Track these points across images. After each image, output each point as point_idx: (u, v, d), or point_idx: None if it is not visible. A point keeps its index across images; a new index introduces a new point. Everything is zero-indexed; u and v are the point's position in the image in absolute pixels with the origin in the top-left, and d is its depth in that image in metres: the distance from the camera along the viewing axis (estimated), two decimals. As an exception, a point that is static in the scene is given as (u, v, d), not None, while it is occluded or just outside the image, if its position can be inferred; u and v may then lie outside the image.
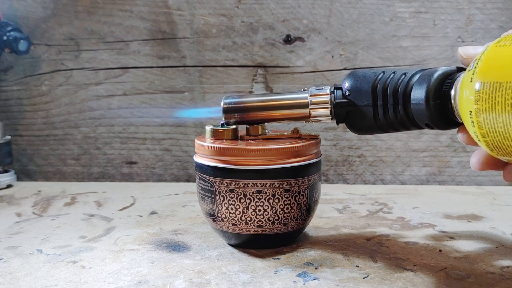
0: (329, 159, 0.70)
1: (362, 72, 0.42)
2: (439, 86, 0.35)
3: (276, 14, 0.68)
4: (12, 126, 0.75)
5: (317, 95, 0.43)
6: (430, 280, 0.38)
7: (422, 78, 0.37)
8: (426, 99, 0.36)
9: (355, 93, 0.41)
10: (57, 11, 0.72)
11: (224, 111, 0.45)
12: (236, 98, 0.46)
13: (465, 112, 0.31)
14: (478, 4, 0.66)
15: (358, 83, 0.41)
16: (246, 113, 0.45)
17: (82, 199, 0.63)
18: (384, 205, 0.59)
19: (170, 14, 0.70)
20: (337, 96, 0.42)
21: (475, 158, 0.34)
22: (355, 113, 0.42)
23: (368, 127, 0.42)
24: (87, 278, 0.39)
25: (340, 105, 0.42)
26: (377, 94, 0.40)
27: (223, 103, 0.45)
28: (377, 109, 0.40)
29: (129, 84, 0.72)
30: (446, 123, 0.36)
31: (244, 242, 0.45)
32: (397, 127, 0.41)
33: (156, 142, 0.73)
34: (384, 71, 0.40)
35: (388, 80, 0.40)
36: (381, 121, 0.40)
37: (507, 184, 0.68)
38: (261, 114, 0.45)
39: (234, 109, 0.45)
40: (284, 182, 0.42)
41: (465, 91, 0.30)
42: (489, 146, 0.30)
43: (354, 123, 0.42)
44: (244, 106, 0.45)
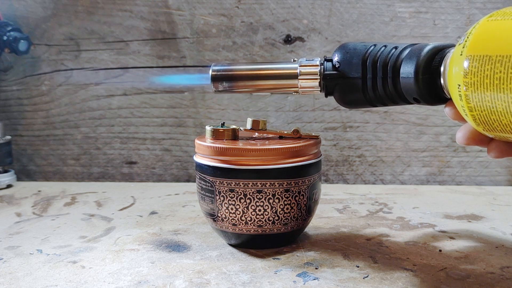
0: (329, 159, 0.71)
1: (352, 45, 0.41)
2: (429, 61, 0.35)
3: (276, 14, 0.68)
4: (12, 126, 0.75)
5: (307, 66, 0.42)
6: (430, 280, 0.38)
7: (412, 52, 0.36)
8: (415, 73, 0.35)
9: (345, 65, 0.41)
10: (57, 11, 0.72)
11: (212, 79, 0.44)
12: (225, 65, 0.45)
13: (454, 86, 0.30)
14: (478, 4, 0.66)
15: (348, 56, 0.41)
16: (234, 82, 0.44)
17: (82, 199, 0.63)
18: (384, 205, 0.59)
19: (170, 14, 0.70)
20: (326, 68, 0.42)
21: (460, 133, 0.34)
22: (344, 85, 0.41)
23: (356, 101, 0.41)
24: (87, 278, 0.39)
25: (330, 77, 0.41)
26: (367, 67, 0.39)
27: (212, 70, 0.44)
28: (366, 82, 0.40)
29: (129, 84, 0.72)
30: (434, 98, 0.36)
31: (244, 242, 0.45)
32: (385, 101, 0.40)
33: (156, 142, 0.73)
34: (375, 44, 0.40)
35: (378, 53, 0.39)
36: (370, 94, 0.40)
37: (507, 184, 0.68)
38: (250, 84, 0.44)
39: (223, 76, 0.44)
40: (284, 182, 0.42)
41: (455, 64, 0.30)
42: (476, 120, 0.30)
43: (343, 96, 0.42)
44: (233, 74, 0.44)
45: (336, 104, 0.69)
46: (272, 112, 0.70)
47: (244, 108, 0.71)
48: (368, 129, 0.70)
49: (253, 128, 0.46)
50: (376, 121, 0.69)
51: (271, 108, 0.70)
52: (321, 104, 0.69)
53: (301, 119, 0.70)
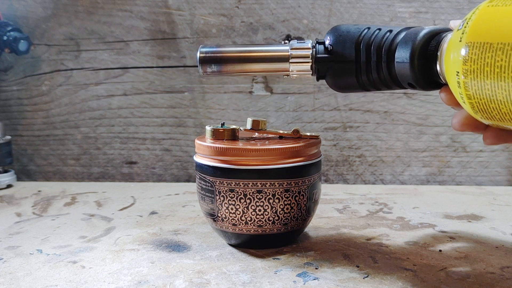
0: (329, 159, 0.71)
1: (345, 27, 0.40)
2: (425, 45, 0.34)
3: (276, 14, 0.68)
4: (12, 126, 0.75)
5: (298, 49, 0.41)
6: (430, 280, 0.38)
7: (407, 36, 0.36)
8: (411, 58, 0.35)
9: (338, 48, 0.40)
10: (57, 11, 0.72)
11: (200, 61, 0.43)
12: (213, 47, 0.43)
13: (452, 72, 0.30)
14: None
15: (341, 39, 0.39)
16: (223, 64, 0.43)
17: (82, 199, 0.63)
18: (384, 205, 0.59)
19: (170, 14, 0.70)
20: (318, 51, 0.41)
21: (456, 119, 0.33)
22: (337, 69, 0.40)
23: (349, 85, 0.40)
24: (87, 278, 0.39)
25: (322, 60, 0.40)
26: (360, 50, 0.39)
27: (199, 52, 0.43)
28: (359, 66, 0.39)
29: (129, 84, 0.72)
30: (429, 84, 0.35)
31: (244, 242, 0.45)
32: (378, 86, 0.39)
33: (156, 142, 0.73)
34: (369, 27, 0.39)
35: (372, 36, 0.38)
36: (363, 79, 0.39)
37: (507, 184, 0.68)
38: (240, 68, 0.43)
39: (211, 59, 0.42)
40: (284, 182, 0.42)
41: (453, 50, 0.29)
42: (474, 108, 0.29)
43: (335, 80, 0.41)
44: (222, 56, 0.43)
45: (336, 104, 0.69)
46: (272, 112, 0.70)
47: (244, 108, 0.71)
48: (368, 129, 0.70)
49: (253, 128, 0.46)
50: (376, 121, 0.69)
51: (271, 108, 0.70)
52: (321, 104, 0.69)
53: (301, 119, 0.70)
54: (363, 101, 0.69)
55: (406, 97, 0.68)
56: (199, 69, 0.43)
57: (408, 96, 0.68)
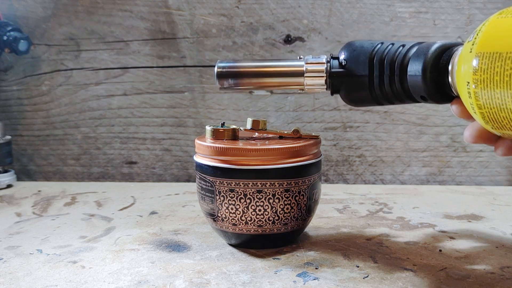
0: (329, 159, 0.71)
1: (359, 43, 0.41)
2: (437, 59, 0.35)
3: (276, 14, 0.68)
4: (12, 126, 0.75)
5: (313, 64, 0.42)
6: (430, 280, 0.38)
7: (420, 50, 0.36)
8: (423, 71, 0.35)
9: (351, 63, 0.40)
10: (57, 11, 0.72)
11: (217, 76, 0.44)
12: (231, 62, 0.45)
13: (463, 83, 0.30)
14: (478, 4, 0.66)
15: (355, 53, 0.40)
16: (240, 79, 0.44)
17: (82, 199, 0.63)
18: (384, 205, 0.59)
19: (170, 14, 0.70)
20: (333, 66, 0.42)
21: (468, 131, 0.34)
22: (351, 83, 0.41)
23: (363, 99, 0.41)
24: (87, 278, 0.39)
25: (336, 74, 0.41)
26: (374, 64, 0.39)
27: (217, 67, 0.44)
28: (373, 80, 0.40)
29: (129, 84, 0.72)
30: (441, 97, 0.36)
31: (244, 242, 0.45)
32: (391, 99, 0.40)
33: (156, 142, 0.73)
34: (382, 42, 0.40)
35: (385, 51, 0.39)
36: (377, 92, 0.40)
37: (507, 184, 0.68)
38: (256, 81, 0.44)
39: (228, 74, 0.44)
40: (284, 182, 0.42)
41: (464, 62, 0.30)
42: (485, 118, 0.29)
43: (349, 94, 0.41)
44: (239, 71, 0.44)
45: (336, 104, 0.69)
46: (272, 112, 0.70)
47: (244, 108, 0.71)
48: (368, 129, 0.70)
49: (253, 128, 0.46)
50: (376, 121, 0.69)
51: (271, 108, 0.70)
52: (321, 104, 0.69)
53: (301, 119, 0.70)
54: (363, 101, 0.69)
55: (406, 97, 0.68)
56: (216, 83, 0.44)
57: (408, 96, 0.68)
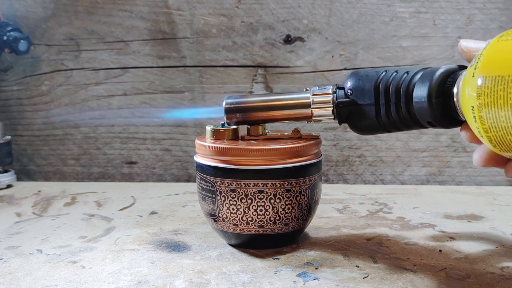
0: (329, 159, 0.71)
1: (364, 72, 0.41)
2: (441, 84, 0.35)
3: (276, 14, 0.68)
4: (12, 126, 0.74)
5: (319, 95, 0.43)
6: (430, 280, 0.38)
7: (424, 76, 0.37)
8: (428, 97, 0.35)
9: (357, 92, 0.41)
10: (57, 11, 0.72)
11: (226, 111, 0.45)
12: (238, 98, 0.46)
13: (468, 108, 0.30)
14: (478, 4, 0.66)
15: (360, 82, 0.41)
16: (248, 113, 0.45)
17: (82, 199, 0.63)
18: (384, 205, 0.59)
19: (170, 14, 0.70)
20: (339, 96, 0.42)
21: (477, 154, 0.34)
22: (358, 112, 0.41)
23: (370, 127, 0.42)
24: (87, 278, 0.39)
25: (343, 104, 0.42)
26: (379, 93, 0.40)
27: (225, 103, 0.45)
28: (379, 108, 0.40)
29: (129, 84, 0.72)
30: (448, 121, 0.36)
31: (245, 242, 0.45)
32: (399, 126, 0.41)
33: (156, 142, 0.73)
34: (386, 70, 0.40)
35: (390, 79, 0.39)
36: (384, 120, 0.40)
37: (507, 184, 0.69)
38: (263, 115, 0.45)
39: (236, 109, 0.45)
40: (286, 182, 0.42)
41: (467, 86, 0.30)
42: (492, 141, 0.30)
43: (356, 123, 0.42)
44: (246, 106, 0.45)
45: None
46: (272, 112, 0.70)
47: (244, 108, 0.71)
48: (368, 129, 0.69)
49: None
50: (376, 121, 0.69)
51: (271, 108, 0.70)
52: (321, 104, 0.69)
53: (301, 119, 0.70)
54: (363, 101, 0.69)
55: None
56: (224, 118, 0.45)
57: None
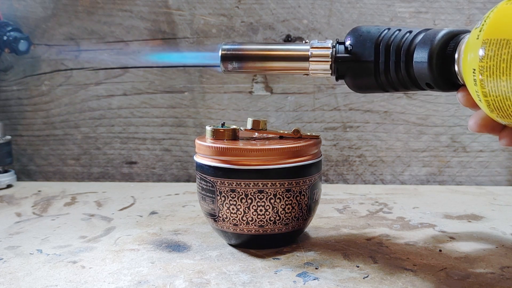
0: (329, 159, 0.71)
1: (366, 28, 0.40)
2: (443, 46, 0.35)
3: (276, 14, 0.68)
4: (12, 126, 0.74)
5: (319, 48, 0.42)
6: (430, 280, 0.38)
7: (426, 37, 0.36)
8: (429, 58, 0.35)
9: (357, 48, 0.40)
10: (57, 11, 0.72)
11: (222, 58, 0.44)
12: (235, 45, 0.44)
13: (469, 70, 0.30)
14: (478, 4, 0.66)
15: (361, 39, 0.40)
16: (244, 62, 0.44)
17: (82, 199, 0.63)
18: (384, 205, 0.59)
19: (170, 14, 0.70)
20: (338, 51, 0.41)
21: (472, 120, 0.33)
22: (356, 69, 0.40)
23: (368, 85, 0.41)
24: (87, 278, 0.39)
25: (341, 59, 0.41)
26: (380, 50, 0.39)
27: (222, 49, 0.44)
28: (378, 66, 0.39)
29: (129, 84, 0.72)
30: (447, 84, 0.36)
31: (245, 242, 0.45)
32: (397, 86, 0.40)
33: (156, 142, 0.73)
34: (389, 28, 0.39)
35: (392, 37, 0.39)
36: (382, 79, 0.39)
37: (507, 184, 0.69)
38: (260, 65, 0.44)
39: (233, 56, 0.43)
40: (286, 182, 0.42)
41: (471, 48, 0.30)
42: (490, 106, 0.29)
43: (354, 80, 0.41)
44: (243, 54, 0.44)
45: (336, 104, 0.69)
46: (272, 112, 0.70)
47: (244, 108, 0.71)
48: (368, 129, 0.70)
49: (253, 128, 0.46)
50: (376, 121, 0.69)
51: (271, 108, 0.70)
52: (321, 104, 0.69)
53: (301, 119, 0.70)
54: (363, 101, 0.69)
55: (406, 97, 0.68)
56: (220, 65, 0.44)
57: (408, 96, 0.68)
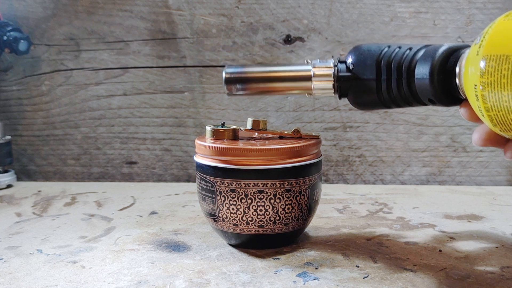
0: (329, 159, 0.71)
1: (367, 46, 0.41)
2: (444, 61, 0.35)
3: (276, 14, 0.68)
4: (12, 126, 0.74)
5: (321, 68, 0.42)
6: (430, 280, 0.38)
7: (427, 53, 0.36)
8: (430, 74, 0.35)
9: (359, 67, 0.40)
10: (57, 11, 0.72)
11: (225, 81, 0.44)
12: (238, 68, 0.45)
13: (470, 86, 0.30)
14: (478, 4, 0.66)
15: (363, 57, 0.40)
16: (248, 84, 0.44)
17: (82, 199, 0.63)
18: (384, 205, 0.59)
19: (170, 14, 0.70)
20: (340, 70, 0.42)
21: (477, 134, 0.34)
22: (358, 87, 0.41)
23: (370, 102, 0.41)
24: (87, 278, 0.39)
25: (344, 78, 0.41)
26: (381, 68, 0.39)
27: (225, 73, 0.44)
28: (380, 84, 0.40)
29: (129, 84, 0.72)
30: (449, 99, 0.36)
31: (245, 242, 0.45)
32: (399, 103, 0.40)
33: (156, 142, 0.73)
34: (389, 45, 0.40)
35: (392, 54, 0.39)
36: (384, 96, 0.40)
37: (507, 184, 0.69)
38: (263, 86, 0.44)
39: (236, 79, 0.44)
40: (285, 182, 0.42)
41: (471, 64, 0.30)
42: (493, 121, 0.29)
43: (357, 98, 0.42)
44: (246, 76, 0.44)
45: (336, 104, 0.69)
46: (272, 112, 0.70)
47: (244, 108, 0.71)
48: (368, 129, 0.70)
49: (253, 128, 0.46)
50: (376, 121, 0.69)
51: (271, 108, 0.70)
52: (321, 104, 0.69)
53: (301, 119, 0.70)
54: (363, 101, 0.69)
55: (406, 97, 0.68)
56: (224, 88, 0.44)
57: (408, 96, 0.68)
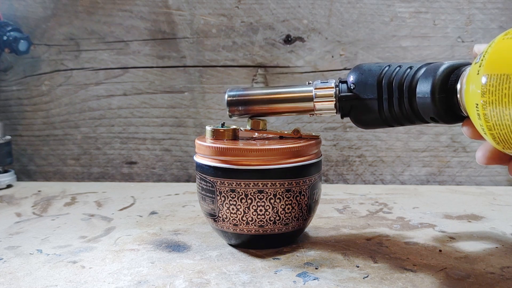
0: (329, 159, 0.71)
1: (367, 66, 0.41)
2: (445, 80, 0.35)
3: (276, 14, 0.68)
4: (12, 126, 0.74)
5: (322, 88, 0.43)
6: (430, 280, 0.38)
7: (428, 71, 0.37)
8: (431, 92, 0.35)
9: (360, 86, 0.41)
10: (57, 11, 0.72)
11: (228, 104, 0.45)
12: (240, 90, 0.46)
13: (471, 105, 0.30)
14: (478, 4, 0.66)
15: (363, 77, 0.41)
16: (250, 106, 0.45)
17: (82, 199, 0.63)
18: (384, 205, 0.59)
19: (170, 14, 0.70)
20: (342, 90, 0.42)
21: (480, 152, 0.34)
22: (360, 106, 0.41)
23: (372, 121, 0.41)
24: (87, 278, 0.39)
25: (345, 98, 0.42)
26: (382, 87, 0.40)
27: (227, 96, 0.45)
28: (382, 103, 0.40)
29: (129, 84, 0.72)
30: (451, 117, 0.36)
31: (245, 242, 0.45)
32: (402, 121, 0.40)
33: (156, 142, 0.73)
34: (390, 64, 0.40)
35: (393, 73, 0.39)
36: (386, 114, 0.40)
37: (507, 184, 0.69)
38: (266, 108, 0.45)
39: (238, 102, 0.45)
40: (285, 182, 0.42)
41: (472, 83, 0.30)
42: (495, 139, 0.30)
43: (359, 117, 0.42)
44: (248, 99, 0.45)
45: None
46: (272, 112, 0.70)
47: (244, 108, 0.71)
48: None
49: (253, 129, 0.46)
50: (376, 121, 0.69)
51: (271, 108, 0.70)
52: (321, 104, 0.69)
53: (301, 119, 0.70)
54: (363, 101, 0.69)
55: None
56: (227, 111, 0.45)
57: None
